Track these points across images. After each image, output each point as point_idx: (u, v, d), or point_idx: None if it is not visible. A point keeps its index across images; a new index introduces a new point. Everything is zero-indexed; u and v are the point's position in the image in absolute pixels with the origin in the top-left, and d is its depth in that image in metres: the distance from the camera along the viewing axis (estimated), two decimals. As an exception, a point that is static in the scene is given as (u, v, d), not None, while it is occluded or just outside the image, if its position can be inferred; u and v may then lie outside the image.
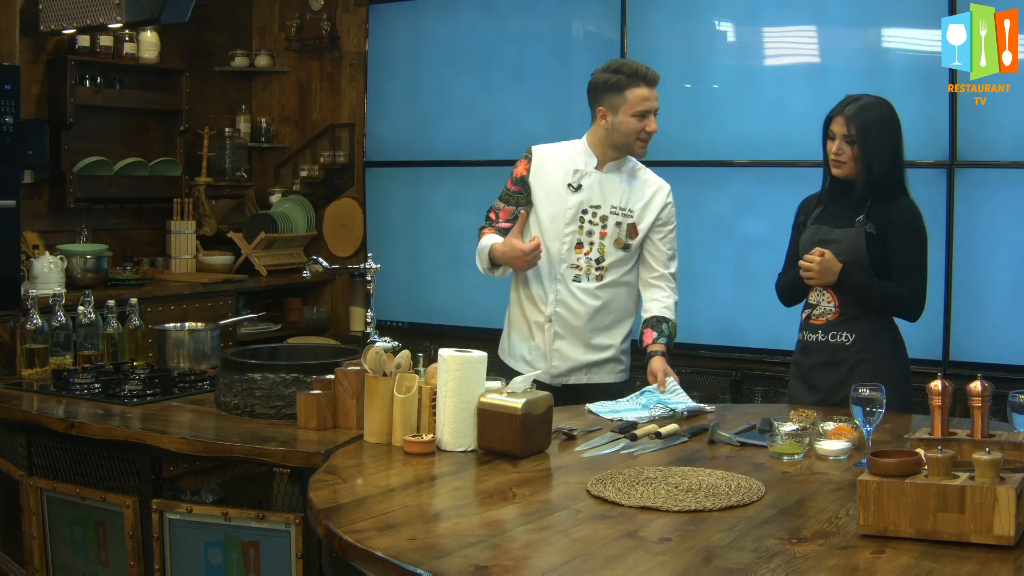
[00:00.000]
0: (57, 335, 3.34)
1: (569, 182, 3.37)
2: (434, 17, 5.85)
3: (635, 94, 3.31)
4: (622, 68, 3.34)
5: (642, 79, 3.32)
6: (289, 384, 2.87)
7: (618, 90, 3.31)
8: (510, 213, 3.43)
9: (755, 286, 4.82)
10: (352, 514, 2.02)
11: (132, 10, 4.00)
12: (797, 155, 4.77)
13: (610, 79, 3.33)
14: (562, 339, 3.38)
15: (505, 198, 3.45)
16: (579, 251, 3.35)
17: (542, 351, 3.40)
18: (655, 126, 3.36)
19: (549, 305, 3.38)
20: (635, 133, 3.33)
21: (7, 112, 4.56)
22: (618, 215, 3.37)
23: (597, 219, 3.36)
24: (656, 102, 3.36)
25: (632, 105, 3.31)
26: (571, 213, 3.35)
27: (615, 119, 3.33)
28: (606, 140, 3.38)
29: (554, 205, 3.37)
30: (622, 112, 3.31)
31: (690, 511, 2.03)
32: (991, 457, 1.82)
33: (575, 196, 3.36)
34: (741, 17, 5.02)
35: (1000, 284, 4.48)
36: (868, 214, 3.10)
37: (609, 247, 3.36)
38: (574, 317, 3.37)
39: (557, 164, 3.41)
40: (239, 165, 6.29)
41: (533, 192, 3.41)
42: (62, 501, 3.00)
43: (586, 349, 3.39)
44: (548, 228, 3.37)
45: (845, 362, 3.11)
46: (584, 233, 3.35)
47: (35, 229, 5.23)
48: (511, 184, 3.44)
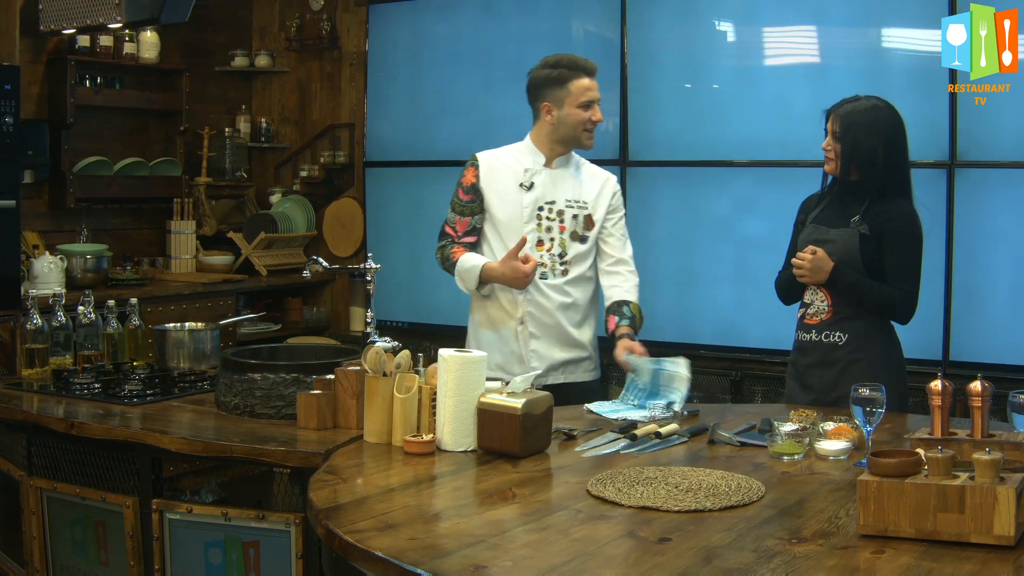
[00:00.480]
0: (57, 335, 3.34)
1: (521, 182, 3.40)
2: (434, 17, 5.85)
3: (578, 85, 3.35)
4: (561, 62, 3.38)
5: (582, 70, 3.36)
6: (289, 384, 2.87)
7: (560, 84, 3.35)
8: (467, 224, 3.43)
9: (755, 286, 4.82)
10: (352, 514, 2.02)
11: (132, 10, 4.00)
12: (797, 155, 4.77)
13: (551, 74, 3.37)
14: (537, 339, 3.40)
15: (460, 210, 3.44)
16: (540, 248, 3.38)
17: (517, 354, 3.41)
18: (600, 115, 3.40)
19: (520, 306, 3.39)
20: (582, 124, 3.37)
21: (7, 112, 4.56)
22: (573, 208, 3.42)
23: (554, 214, 3.40)
24: (597, 91, 3.40)
25: (576, 96, 3.34)
26: (528, 212, 3.38)
27: (561, 113, 3.36)
28: (553, 136, 3.41)
29: (509, 207, 3.40)
30: (567, 105, 3.35)
31: (690, 511, 2.03)
32: (991, 457, 1.82)
33: (529, 195, 3.39)
34: (741, 17, 5.02)
35: (1000, 284, 4.48)
36: (864, 215, 3.11)
37: (569, 241, 3.40)
38: (546, 315, 3.39)
39: (505, 167, 3.44)
40: (239, 165, 6.29)
41: (485, 198, 3.42)
42: (62, 501, 3.00)
43: (561, 348, 3.43)
44: (506, 230, 3.39)
45: (838, 362, 3.11)
46: (543, 230, 3.39)
47: (35, 229, 5.23)
48: (463, 194, 3.44)
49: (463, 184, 3.45)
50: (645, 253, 5.23)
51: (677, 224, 5.17)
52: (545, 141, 3.43)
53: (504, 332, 3.43)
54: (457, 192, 3.46)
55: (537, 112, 3.43)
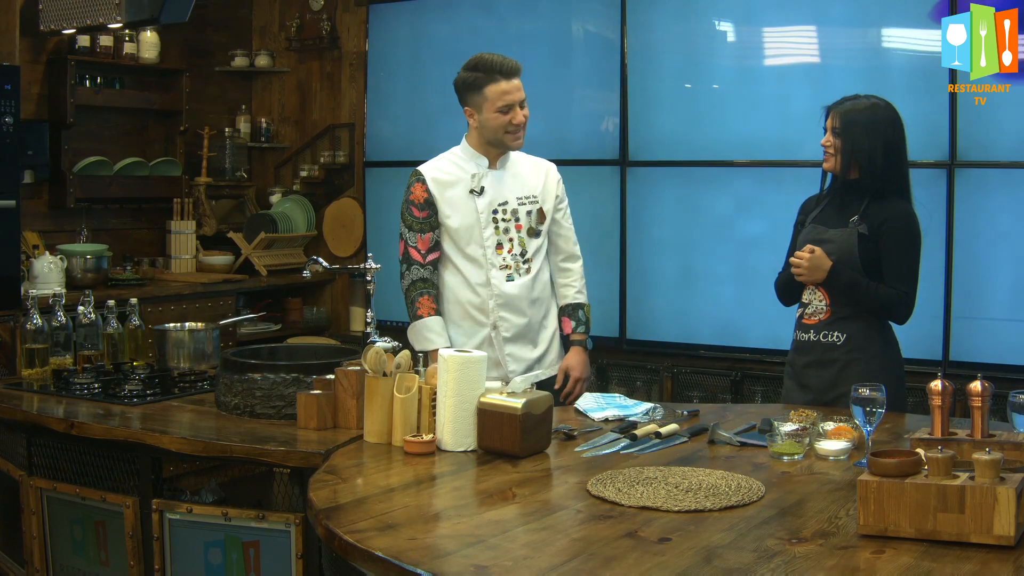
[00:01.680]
0: (57, 335, 3.34)
1: (471, 188, 3.39)
2: (434, 17, 5.85)
3: (494, 90, 3.31)
4: (479, 65, 3.34)
5: (499, 72, 3.31)
6: (289, 384, 2.87)
7: (477, 88, 3.33)
8: (429, 240, 3.39)
9: (755, 286, 4.82)
10: (352, 514, 2.02)
11: (132, 10, 4.00)
12: (797, 155, 4.77)
13: (468, 78, 3.35)
14: (511, 342, 3.42)
15: (419, 227, 3.39)
16: (500, 251, 3.39)
17: (494, 360, 3.40)
18: (521, 117, 3.36)
19: (491, 312, 3.39)
20: (502, 128, 3.35)
21: (7, 112, 4.56)
22: (526, 204, 3.44)
23: (509, 214, 3.40)
24: (520, 93, 3.34)
25: (493, 101, 3.32)
26: (484, 217, 3.38)
27: (481, 117, 3.36)
28: (481, 139, 3.41)
29: (464, 215, 3.38)
30: (485, 109, 3.34)
31: (690, 511, 2.03)
32: (991, 457, 1.82)
33: (482, 199, 3.39)
34: (741, 17, 5.02)
35: (1000, 284, 4.48)
36: (863, 215, 3.11)
37: (527, 239, 3.42)
38: (518, 315, 3.41)
39: (452, 176, 3.43)
40: (239, 165, 6.29)
41: (439, 211, 3.40)
42: (62, 501, 3.00)
43: (532, 346, 3.46)
44: (463, 240, 3.38)
45: (836, 362, 3.12)
46: (501, 232, 3.39)
47: (35, 229, 5.23)
48: (417, 211, 3.39)
49: (415, 202, 3.39)
50: (645, 253, 5.26)
51: (677, 224, 5.17)
52: (480, 144, 3.42)
53: (477, 339, 3.41)
54: (410, 211, 3.40)
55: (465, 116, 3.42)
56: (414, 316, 3.40)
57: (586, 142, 5.33)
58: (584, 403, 3.00)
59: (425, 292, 3.39)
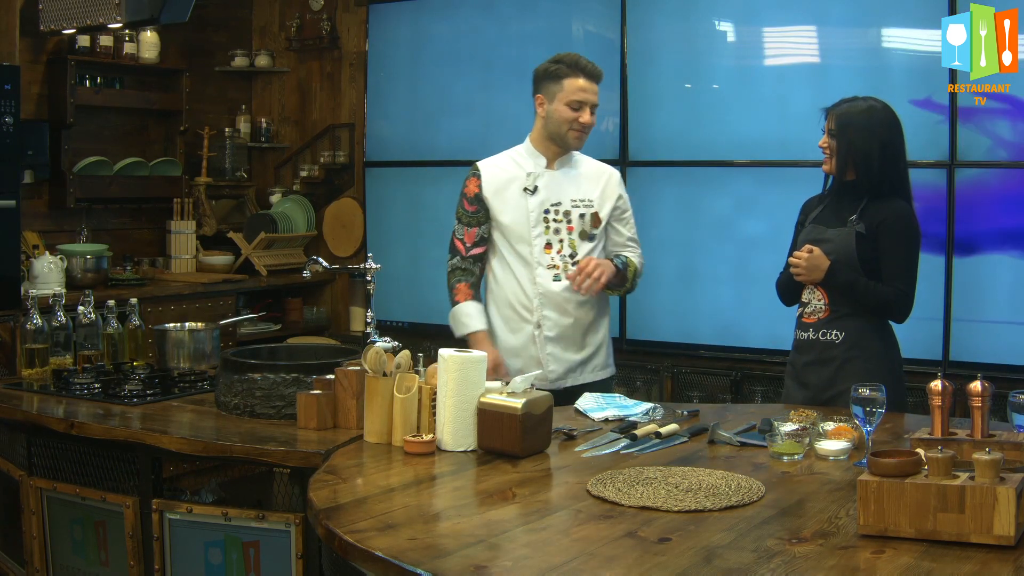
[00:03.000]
0: (57, 335, 3.34)
1: (524, 186, 3.40)
2: (434, 17, 5.85)
3: (572, 83, 3.36)
4: (564, 59, 3.39)
5: (581, 71, 3.36)
6: (289, 384, 2.87)
7: (556, 79, 3.37)
8: (475, 235, 3.43)
9: (755, 286, 4.82)
10: (352, 514, 2.02)
11: (132, 10, 3.99)
12: (797, 155, 4.77)
13: (550, 68, 3.39)
14: (554, 343, 3.41)
15: (467, 221, 3.44)
16: (549, 251, 3.39)
17: (535, 358, 3.41)
18: (589, 119, 3.39)
19: (535, 311, 3.39)
20: (568, 122, 3.37)
21: (7, 112, 4.56)
22: (580, 207, 3.43)
23: (561, 216, 3.41)
24: (594, 96, 3.39)
25: (568, 94, 3.35)
26: (534, 216, 3.39)
27: (550, 107, 3.39)
28: (543, 132, 3.42)
29: (515, 213, 3.41)
30: (557, 100, 3.37)
31: (690, 511, 2.03)
32: (991, 457, 1.82)
33: (534, 199, 3.40)
34: (741, 17, 5.02)
35: (1000, 284, 4.48)
36: (861, 215, 3.12)
37: (578, 241, 3.41)
38: (563, 316, 3.40)
39: (507, 173, 3.44)
40: (239, 165, 6.29)
41: (491, 207, 3.42)
42: (62, 501, 3.00)
43: (577, 349, 3.44)
44: (514, 236, 3.41)
45: (835, 360, 3.12)
46: (551, 232, 3.39)
47: (35, 229, 5.23)
48: (467, 205, 3.44)
49: (467, 195, 3.45)
50: (645, 253, 5.22)
51: (677, 224, 5.17)
52: (541, 141, 3.44)
53: (521, 337, 3.43)
54: (461, 203, 3.46)
55: (535, 106, 3.44)
56: (452, 303, 3.45)
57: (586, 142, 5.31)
58: (584, 403, 3.00)
59: (463, 279, 3.44)
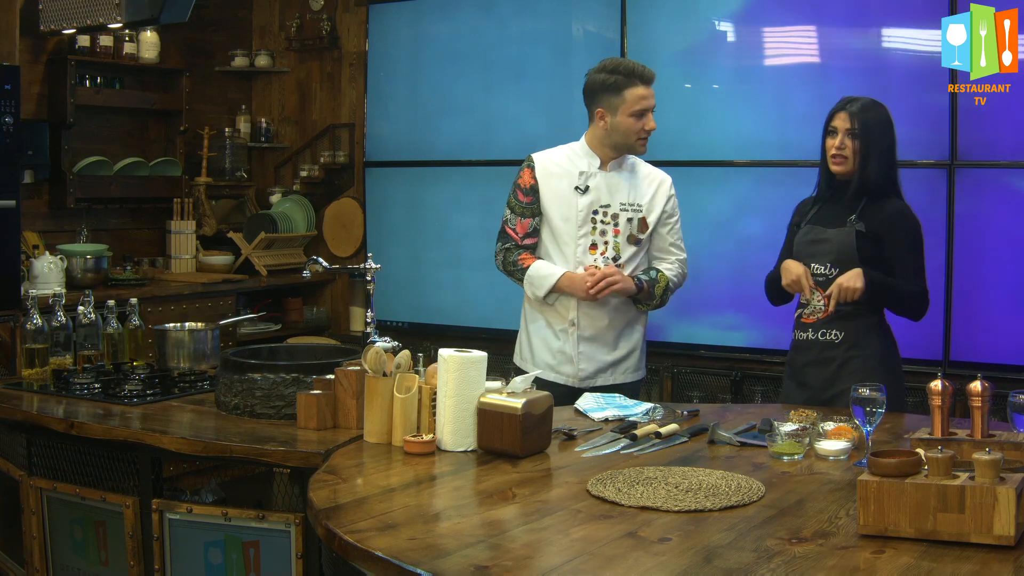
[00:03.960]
0: (57, 335, 3.34)
1: (576, 185, 3.39)
2: (434, 17, 5.85)
3: (633, 94, 3.34)
4: (619, 68, 3.36)
5: (639, 78, 3.34)
6: (289, 384, 2.87)
7: (616, 91, 3.34)
8: (528, 225, 3.42)
9: (755, 286, 4.81)
10: (352, 514, 2.02)
11: (132, 10, 3.99)
12: (797, 155, 4.77)
13: (607, 80, 3.35)
14: (588, 342, 3.41)
15: (520, 211, 3.43)
16: (593, 252, 3.38)
17: (568, 355, 3.42)
18: (654, 124, 3.39)
19: (572, 309, 3.39)
20: (635, 133, 3.36)
21: (7, 112, 4.56)
22: (628, 211, 3.41)
23: (608, 218, 3.39)
24: (653, 99, 3.39)
25: (631, 105, 3.33)
26: (582, 215, 3.38)
27: (614, 119, 3.35)
28: (606, 140, 3.40)
29: (563, 210, 3.39)
30: (621, 112, 3.34)
31: (690, 511, 2.03)
32: (991, 457, 1.82)
33: (584, 198, 3.38)
34: (741, 17, 5.02)
35: (1000, 284, 4.48)
36: (860, 214, 3.12)
37: (623, 244, 3.40)
38: (598, 318, 3.40)
39: (560, 169, 3.43)
40: (239, 165, 6.29)
41: (543, 199, 3.42)
42: (62, 501, 3.00)
43: (610, 349, 3.43)
44: (562, 233, 3.40)
45: (834, 360, 3.13)
46: (597, 233, 3.39)
47: (35, 229, 5.23)
48: (522, 196, 3.43)
49: (521, 186, 3.44)
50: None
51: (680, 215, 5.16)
52: (599, 145, 3.42)
53: (556, 333, 3.43)
54: (515, 193, 3.45)
55: (592, 116, 3.41)
56: (520, 272, 3.41)
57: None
58: (584, 403, 3.00)
59: (523, 251, 3.41)
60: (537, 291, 3.39)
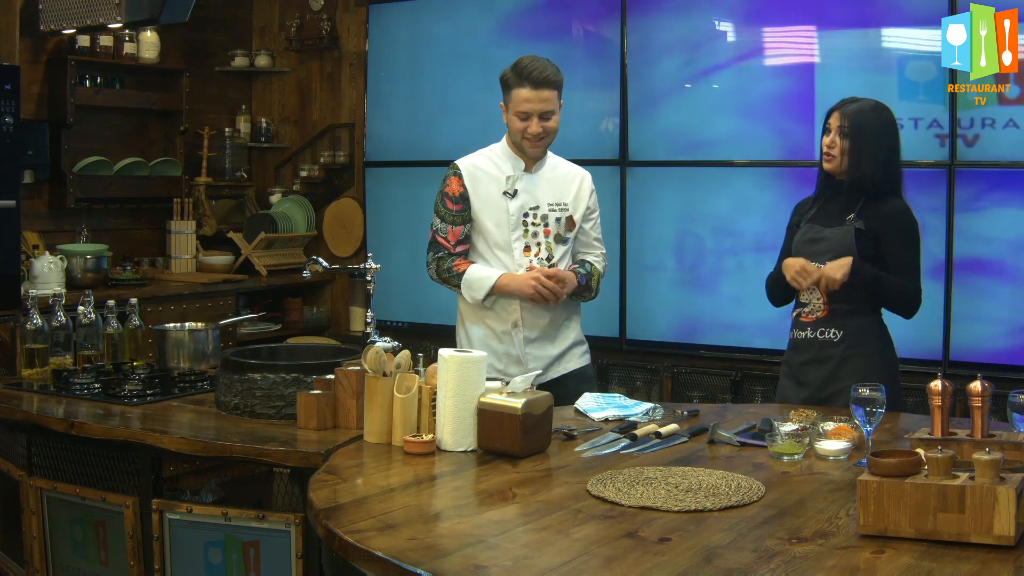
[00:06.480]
0: (57, 335, 3.34)
1: (504, 189, 3.40)
2: (434, 17, 5.85)
3: (518, 94, 3.32)
4: (516, 66, 3.35)
5: (526, 79, 3.29)
6: (289, 384, 2.87)
7: (507, 89, 3.37)
8: (460, 233, 3.40)
9: (755, 286, 4.80)
10: (352, 514, 2.02)
11: (132, 10, 3.99)
12: (797, 155, 4.77)
13: (505, 76, 3.38)
14: (532, 342, 3.42)
15: (451, 219, 3.40)
16: (528, 254, 3.39)
17: (514, 356, 3.42)
18: (537, 128, 3.33)
19: (514, 311, 3.39)
20: (519, 132, 3.36)
21: (7, 112, 4.56)
22: (556, 211, 3.43)
23: (539, 219, 3.41)
24: (542, 104, 3.31)
25: (516, 105, 3.34)
26: (514, 219, 3.39)
27: (507, 116, 3.39)
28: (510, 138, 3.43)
29: (494, 214, 3.39)
30: (510, 110, 3.37)
31: (690, 511, 2.04)
32: (991, 457, 1.82)
33: (514, 202, 3.39)
34: (741, 17, 5.02)
35: (1000, 284, 4.48)
36: (859, 213, 3.13)
37: (554, 244, 3.42)
38: (539, 316, 3.41)
39: (487, 175, 3.43)
40: (239, 165, 6.29)
41: (473, 207, 3.41)
42: (62, 501, 3.00)
43: (554, 344, 3.45)
44: (492, 238, 3.40)
45: (832, 358, 3.13)
46: (530, 236, 3.40)
47: (35, 229, 5.23)
48: (451, 204, 3.40)
49: (450, 194, 3.41)
50: (645, 253, 5.26)
51: (677, 224, 5.17)
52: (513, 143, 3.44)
53: (499, 335, 3.43)
54: (444, 202, 3.41)
55: None
56: (456, 277, 3.38)
57: (586, 142, 5.32)
58: (584, 403, 3.00)
59: (457, 257, 3.40)
60: (476, 294, 3.37)
